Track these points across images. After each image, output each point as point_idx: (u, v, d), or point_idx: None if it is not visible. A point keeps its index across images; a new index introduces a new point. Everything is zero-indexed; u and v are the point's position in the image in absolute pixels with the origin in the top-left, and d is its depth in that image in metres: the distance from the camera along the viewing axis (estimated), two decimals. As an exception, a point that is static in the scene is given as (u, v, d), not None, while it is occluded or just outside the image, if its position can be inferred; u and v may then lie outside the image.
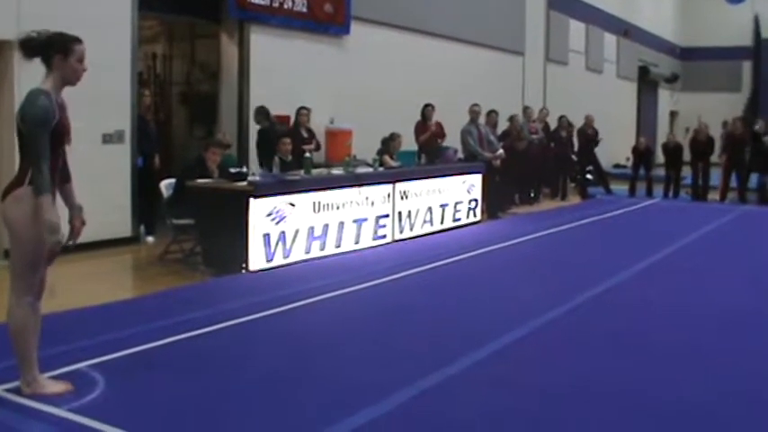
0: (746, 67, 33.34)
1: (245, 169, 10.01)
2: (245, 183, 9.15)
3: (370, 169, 11.41)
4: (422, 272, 9.35)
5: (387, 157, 12.17)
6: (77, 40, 4.89)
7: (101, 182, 10.07)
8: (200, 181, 9.52)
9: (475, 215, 13.65)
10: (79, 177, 10.15)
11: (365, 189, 10.75)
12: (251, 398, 4.97)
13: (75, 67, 4.89)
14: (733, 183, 18.94)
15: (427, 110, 14.52)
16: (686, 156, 19.56)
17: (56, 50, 4.80)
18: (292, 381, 5.30)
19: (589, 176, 19.86)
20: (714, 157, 19.36)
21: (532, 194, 17.81)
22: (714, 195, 19.22)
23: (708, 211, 16.75)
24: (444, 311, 7.52)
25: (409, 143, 13.79)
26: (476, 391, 5.24)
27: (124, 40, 10.60)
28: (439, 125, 14.62)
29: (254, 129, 12.46)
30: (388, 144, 12.61)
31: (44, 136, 4.63)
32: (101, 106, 10.23)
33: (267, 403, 4.90)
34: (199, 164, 9.91)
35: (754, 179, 18.74)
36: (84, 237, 5.17)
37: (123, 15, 10.60)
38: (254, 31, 12.68)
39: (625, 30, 27.72)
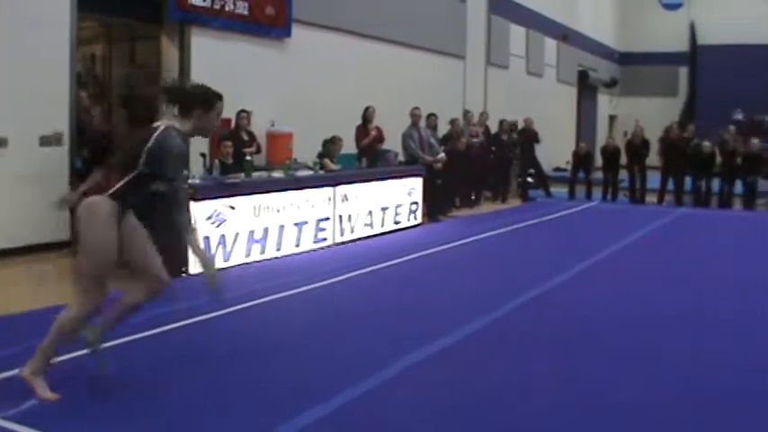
0: (683, 72, 33.86)
1: (185, 172, 9.95)
2: (185, 186, 9.09)
3: (311, 172, 11.43)
4: (363, 274, 9.39)
5: (327, 161, 12.19)
6: (220, 97, 5.20)
7: (38, 184, 9.96)
8: (139, 184, 9.44)
9: (416, 218, 13.73)
10: (16, 180, 10.04)
11: (306, 192, 10.76)
12: (191, 402, 4.97)
13: (214, 122, 5.23)
14: (671, 186, 19.34)
15: (368, 112, 14.53)
16: (624, 159, 19.91)
17: (199, 104, 5.10)
18: (232, 384, 5.31)
19: (530, 179, 20.08)
20: (649, 160, 19.70)
21: (473, 197, 17.94)
22: (652, 198, 19.55)
23: (646, 214, 17.04)
24: (385, 313, 7.56)
25: (350, 146, 13.82)
26: (418, 393, 5.30)
27: (62, 41, 10.48)
28: (378, 130, 14.66)
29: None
30: (329, 147, 12.63)
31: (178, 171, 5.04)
32: (39, 107, 10.13)
33: (207, 407, 4.90)
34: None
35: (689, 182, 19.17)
36: (22, 241, 5.14)
37: (62, 15, 10.47)
38: (195, 33, 12.60)
39: (564, 34, 28.00)
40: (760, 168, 19.08)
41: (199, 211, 8.89)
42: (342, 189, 11.53)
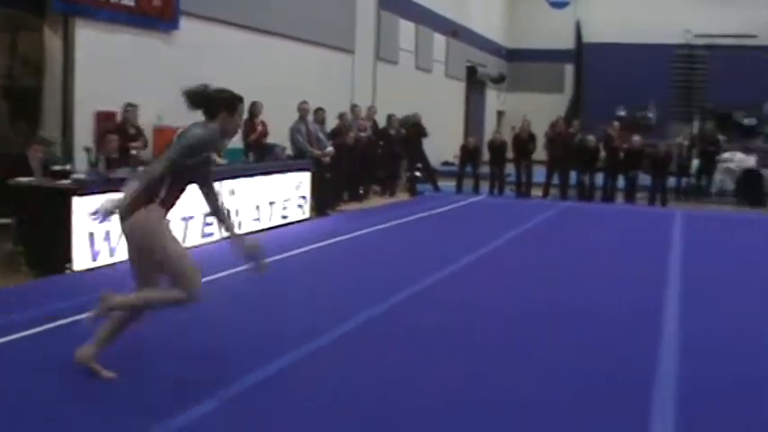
0: (569, 69, 34.62)
1: (68, 167, 9.84)
2: (68, 181, 9.00)
3: (198, 167, 11.38)
4: (249, 270, 9.39)
5: (215, 155, 12.15)
6: (241, 99, 5.50)
7: None
8: (21, 179, 9.30)
9: (304, 212, 13.77)
10: None
11: (192, 187, 10.69)
12: (70, 401, 4.96)
13: (237, 123, 5.55)
14: (556, 180, 19.86)
15: (255, 106, 14.50)
16: (511, 153, 20.35)
17: (224, 107, 5.37)
18: (110, 383, 5.30)
19: (418, 173, 20.31)
20: (535, 155, 20.20)
21: (361, 191, 18.05)
22: (537, 192, 20.01)
23: (531, 207, 17.46)
24: (272, 308, 7.62)
25: (237, 140, 13.76)
26: (306, 387, 5.41)
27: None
28: (263, 124, 14.63)
29: (79, 125, 12.26)
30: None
31: (183, 156, 5.20)
32: None
33: (89, 405, 4.90)
34: (21, 161, 9.67)
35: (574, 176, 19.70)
36: None
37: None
38: (80, 24, 12.38)
39: (453, 30, 28.33)
40: (641, 163, 19.78)
41: (83, 206, 8.79)
42: (229, 183, 11.51)
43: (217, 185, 5.69)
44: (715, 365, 6.32)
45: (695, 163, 22.16)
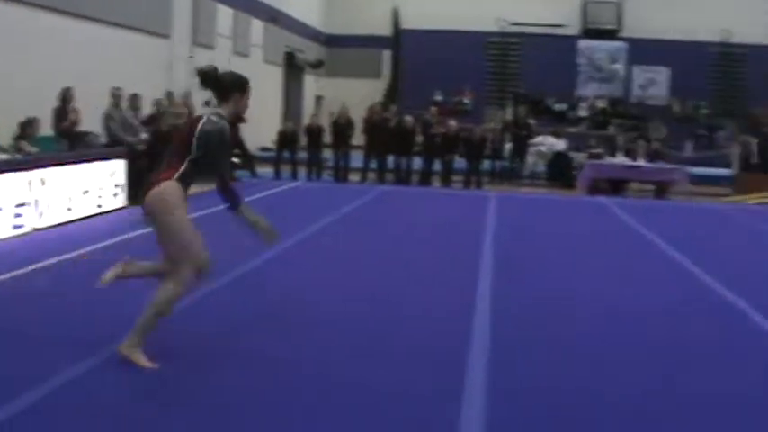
0: (386, 55, 35.10)
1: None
2: None
3: (7, 156, 11.08)
4: (63, 261, 9.23)
5: (24, 143, 11.83)
6: (248, 80, 5.76)
7: None
8: None
9: (119, 201, 13.55)
10: None
11: (1, 177, 10.41)
12: None
13: (247, 104, 5.80)
14: (374, 164, 20.27)
15: (67, 93, 14.16)
16: (329, 138, 20.60)
17: (237, 89, 5.65)
18: None
19: (235, 159, 20.23)
20: (354, 140, 20.54)
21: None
22: (355, 176, 20.33)
23: (349, 192, 17.74)
24: (86, 301, 7.48)
25: (48, 128, 13.42)
26: (123, 374, 5.39)
27: None
28: (75, 111, 14.29)
29: None
30: (26, 129, 12.23)
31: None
32: None
33: None
34: None
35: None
36: None
37: None
38: None
39: (272, 16, 28.29)
40: (457, 147, 20.43)
41: None
42: (40, 173, 11.21)
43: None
44: (524, 331, 6.84)
45: (508, 147, 23.01)
